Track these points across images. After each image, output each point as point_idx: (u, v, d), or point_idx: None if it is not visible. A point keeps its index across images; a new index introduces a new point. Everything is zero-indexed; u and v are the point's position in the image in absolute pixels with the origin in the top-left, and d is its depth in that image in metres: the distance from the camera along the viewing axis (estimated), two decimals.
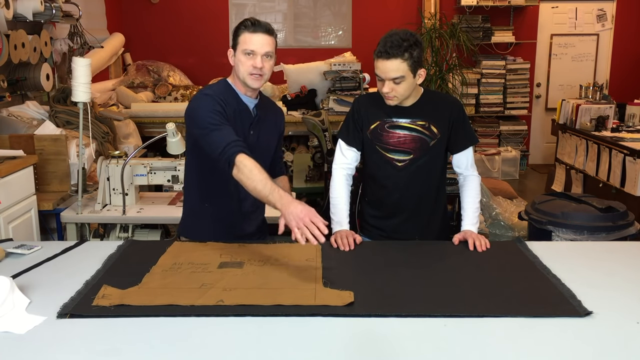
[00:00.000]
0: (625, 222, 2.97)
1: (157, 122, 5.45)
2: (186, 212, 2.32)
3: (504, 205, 4.56)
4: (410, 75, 2.10)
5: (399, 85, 2.10)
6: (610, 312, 1.58)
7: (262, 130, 2.20)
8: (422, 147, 2.23)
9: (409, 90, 2.15)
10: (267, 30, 2.05)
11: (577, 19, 7.35)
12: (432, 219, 2.34)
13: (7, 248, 2.02)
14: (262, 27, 2.05)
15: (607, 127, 4.93)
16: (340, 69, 5.60)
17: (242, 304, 1.59)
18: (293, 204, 1.76)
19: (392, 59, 2.06)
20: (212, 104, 2.02)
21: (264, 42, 2.05)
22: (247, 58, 2.04)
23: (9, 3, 3.67)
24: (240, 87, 2.14)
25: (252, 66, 2.04)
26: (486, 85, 7.14)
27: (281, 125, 2.32)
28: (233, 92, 2.14)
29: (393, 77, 2.08)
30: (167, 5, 7.05)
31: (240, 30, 2.07)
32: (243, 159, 1.89)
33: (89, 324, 1.51)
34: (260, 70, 2.05)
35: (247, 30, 2.04)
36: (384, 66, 2.08)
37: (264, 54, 2.05)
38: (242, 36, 2.05)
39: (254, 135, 2.17)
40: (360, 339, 1.45)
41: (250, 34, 2.04)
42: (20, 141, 3.27)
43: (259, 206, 2.26)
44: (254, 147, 2.15)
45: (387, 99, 2.16)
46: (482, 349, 1.40)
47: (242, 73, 2.06)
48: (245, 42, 2.04)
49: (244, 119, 2.14)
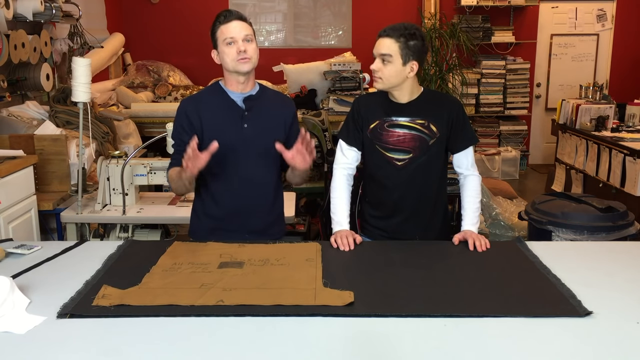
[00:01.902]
0: (625, 222, 2.97)
1: (157, 122, 5.44)
2: (194, 214, 2.32)
3: (504, 205, 4.56)
4: (399, 59, 2.14)
5: (386, 67, 2.16)
6: (610, 312, 1.58)
7: (259, 123, 2.18)
8: (422, 146, 2.23)
9: (395, 78, 2.17)
10: (239, 17, 2.12)
11: (577, 19, 7.35)
12: (433, 219, 2.34)
13: (7, 248, 2.02)
14: (234, 15, 2.12)
15: (607, 127, 4.93)
16: (340, 69, 5.60)
17: (242, 304, 1.59)
18: (187, 164, 1.99)
19: (387, 37, 2.16)
20: (176, 121, 2.21)
21: (240, 27, 2.10)
22: (230, 47, 2.09)
23: (9, 3, 3.67)
24: (233, 82, 2.17)
25: (237, 52, 2.09)
26: (486, 85, 7.14)
27: (288, 116, 2.26)
28: (220, 90, 2.21)
29: (381, 52, 2.15)
30: (167, 5, 7.05)
31: (215, 27, 2.14)
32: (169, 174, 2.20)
33: (89, 324, 1.51)
34: (245, 53, 2.09)
35: (220, 23, 2.11)
36: (378, 43, 2.18)
37: (244, 38, 2.10)
38: (218, 31, 2.12)
39: (249, 129, 2.16)
40: (360, 339, 1.45)
41: (225, 25, 2.10)
42: (20, 141, 3.27)
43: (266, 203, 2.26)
44: (250, 140, 2.17)
45: (374, 79, 2.22)
46: (482, 349, 1.40)
47: (229, 63, 2.11)
48: (223, 33, 2.10)
49: (232, 113, 2.18)
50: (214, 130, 2.14)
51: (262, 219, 2.24)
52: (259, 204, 2.23)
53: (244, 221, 2.21)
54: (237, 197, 2.19)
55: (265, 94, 2.25)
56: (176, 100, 6.09)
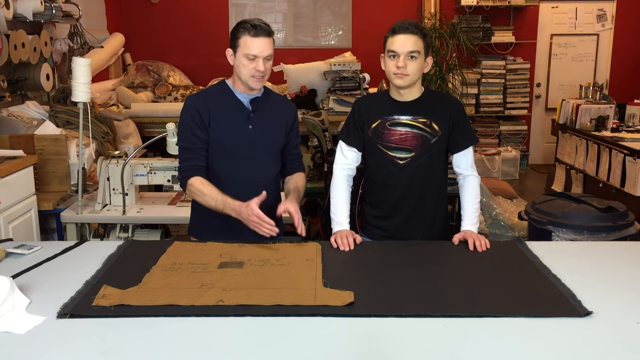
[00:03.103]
0: (625, 222, 2.97)
1: (157, 122, 5.44)
2: (194, 212, 2.33)
3: (504, 205, 4.56)
4: (422, 55, 2.16)
5: (413, 62, 2.14)
6: (610, 312, 1.58)
7: (263, 125, 2.21)
8: (424, 145, 2.23)
9: (418, 73, 2.18)
10: (267, 33, 2.09)
11: (577, 19, 7.35)
12: (434, 219, 2.34)
13: (7, 248, 2.02)
14: (264, 31, 2.08)
15: (607, 127, 4.93)
16: (340, 69, 5.60)
17: (242, 304, 1.59)
18: (242, 211, 2.03)
19: (411, 34, 2.13)
20: (186, 120, 2.17)
21: (266, 45, 2.09)
22: (249, 62, 2.09)
23: (9, 3, 3.67)
24: (240, 86, 2.20)
25: (255, 69, 2.09)
26: (486, 85, 7.14)
27: (289, 119, 2.30)
28: (227, 90, 2.21)
29: (410, 50, 2.12)
30: (167, 5, 7.05)
31: (240, 32, 2.09)
32: (193, 182, 2.14)
33: (89, 324, 1.51)
34: (262, 72, 2.11)
35: (248, 33, 2.07)
36: (403, 39, 2.13)
37: (266, 57, 2.10)
38: (242, 39, 2.08)
39: (253, 130, 2.19)
40: (360, 339, 1.45)
41: (251, 38, 2.07)
42: (20, 141, 3.27)
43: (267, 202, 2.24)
44: (254, 141, 2.19)
45: (398, 77, 2.16)
46: (482, 349, 1.40)
47: (244, 76, 2.12)
48: (247, 46, 2.07)
49: (238, 114, 2.19)
50: (221, 128, 2.17)
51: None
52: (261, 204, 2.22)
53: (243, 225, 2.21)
54: (238, 196, 2.18)
55: (270, 96, 2.29)
56: (176, 100, 6.08)
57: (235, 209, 2.05)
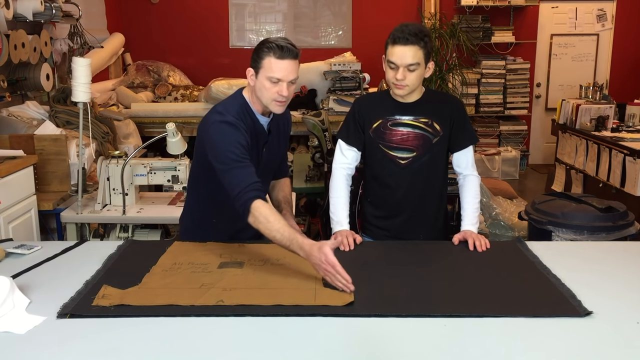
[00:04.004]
0: (625, 222, 2.97)
1: (157, 122, 5.45)
2: (188, 218, 2.26)
3: (504, 205, 4.56)
4: (423, 64, 2.12)
5: (412, 73, 2.11)
6: (610, 312, 1.58)
7: (274, 146, 2.16)
8: (425, 145, 2.23)
9: (418, 81, 2.16)
10: (295, 55, 1.92)
11: (577, 19, 7.35)
12: (436, 218, 2.34)
13: (7, 248, 2.02)
14: (291, 53, 1.91)
15: (607, 127, 4.93)
16: (340, 69, 5.60)
17: (242, 304, 1.59)
18: (313, 253, 1.71)
19: (410, 45, 2.07)
20: (236, 137, 1.91)
21: (291, 69, 1.92)
22: (273, 85, 1.92)
23: (9, 3, 3.67)
24: (258, 106, 2.04)
25: (278, 94, 1.93)
26: (486, 85, 7.13)
27: (288, 130, 2.26)
28: (251, 112, 2.03)
29: (409, 63, 2.08)
30: (167, 5, 7.05)
31: (264, 52, 1.92)
32: (259, 207, 1.82)
33: (89, 324, 1.51)
34: (286, 97, 1.95)
35: (273, 55, 1.90)
36: (402, 52, 2.08)
37: (290, 81, 1.94)
38: (266, 60, 1.91)
39: (265, 153, 2.11)
40: (360, 339, 1.45)
41: (277, 60, 1.90)
42: (20, 141, 3.27)
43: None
44: (265, 163, 2.11)
45: (398, 88, 2.14)
46: (482, 349, 1.40)
47: (266, 99, 1.96)
48: (272, 69, 1.90)
49: (259, 139, 2.06)
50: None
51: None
52: None
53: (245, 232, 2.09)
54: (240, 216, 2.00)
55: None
56: (176, 100, 6.08)
57: (304, 248, 1.73)
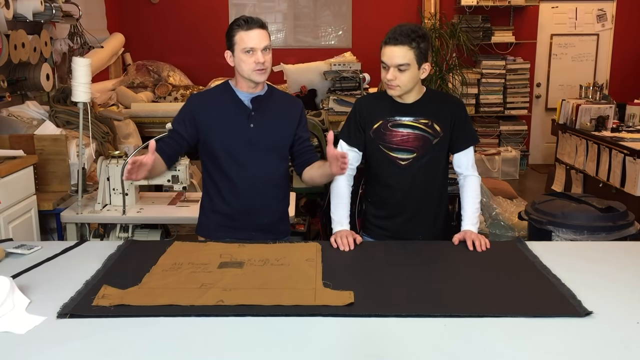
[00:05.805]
0: (625, 222, 2.97)
1: (157, 122, 5.44)
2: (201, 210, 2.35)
3: (504, 205, 4.56)
4: (415, 65, 2.11)
5: (403, 74, 2.11)
6: (610, 312, 1.58)
7: (265, 123, 2.20)
8: (425, 146, 2.23)
9: (411, 82, 2.15)
10: (261, 25, 2.11)
11: (577, 19, 7.35)
12: (436, 218, 2.34)
13: (7, 248, 2.02)
14: (256, 23, 2.10)
15: (607, 127, 4.93)
16: (340, 69, 5.60)
17: (242, 304, 1.59)
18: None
19: (400, 45, 2.09)
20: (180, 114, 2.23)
21: (261, 36, 2.10)
22: (248, 56, 2.09)
23: (9, 3, 3.67)
24: (243, 85, 2.19)
25: (255, 62, 2.09)
26: (486, 85, 7.13)
27: (295, 116, 2.28)
28: (229, 88, 2.22)
29: (398, 63, 2.09)
30: (167, 5, 7.05)
31: (234, 30, 2.11)
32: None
33: (89, 324, 1.51)
34: (263, 64, 2.10)
35: (241, 28, 2.09)
36: (391, 52, 2.10)
37: (263, 48, 2.10)
38: (237, 35, 2.10)
39: (255, 128, 2.19)
40: (360, 339, 1.45)
41: (246, 32, 2.09)
42: (20, 141, 3.27)
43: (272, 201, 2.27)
44: (256, 139, 2.19)
45: (390, 88, 2.16)
46: (482, 349, 1.40)
47: (246, 71, 2.12)
48: (243, 40, 2.09)
49: (238, 113, 2.19)
50: (220, 128, 2.17)
51: (269, 216, 2.27)
52: (266, 202, 2.24)
53: (252, 218, 2.23)
54: (244, 195, 2.21)
55: (273, 94, 2.27)
56: (176, 100, 6.09)
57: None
